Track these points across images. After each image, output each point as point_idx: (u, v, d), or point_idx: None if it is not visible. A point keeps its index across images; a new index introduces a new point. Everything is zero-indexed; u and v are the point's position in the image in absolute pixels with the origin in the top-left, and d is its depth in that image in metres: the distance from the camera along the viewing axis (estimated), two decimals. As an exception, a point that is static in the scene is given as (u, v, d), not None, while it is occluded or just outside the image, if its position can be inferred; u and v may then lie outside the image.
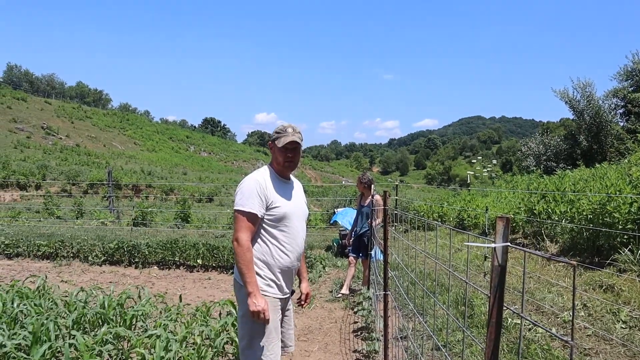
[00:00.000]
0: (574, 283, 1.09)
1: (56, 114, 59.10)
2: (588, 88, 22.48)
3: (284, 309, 2.94)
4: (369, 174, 6.98)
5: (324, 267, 8.74)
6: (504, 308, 1.40)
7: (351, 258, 6.91)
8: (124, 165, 36.39)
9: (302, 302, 3.14)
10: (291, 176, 3.05)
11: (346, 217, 10.11)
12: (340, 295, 6.78)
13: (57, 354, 3.86)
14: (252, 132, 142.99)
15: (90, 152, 43.87)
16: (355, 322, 5.74)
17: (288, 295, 2.93)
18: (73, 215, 14.89)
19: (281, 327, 2.93)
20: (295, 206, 2.89)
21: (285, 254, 2.80)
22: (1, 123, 46.07)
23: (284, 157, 2.81)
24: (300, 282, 3.20)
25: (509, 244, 1.33)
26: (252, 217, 2.67)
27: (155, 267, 8.86)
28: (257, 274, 2.73)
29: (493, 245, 1.34)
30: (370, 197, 6.56)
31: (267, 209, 2.74)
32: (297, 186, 3.07)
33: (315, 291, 7.15)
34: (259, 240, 2.78)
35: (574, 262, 1.07)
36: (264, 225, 2.77)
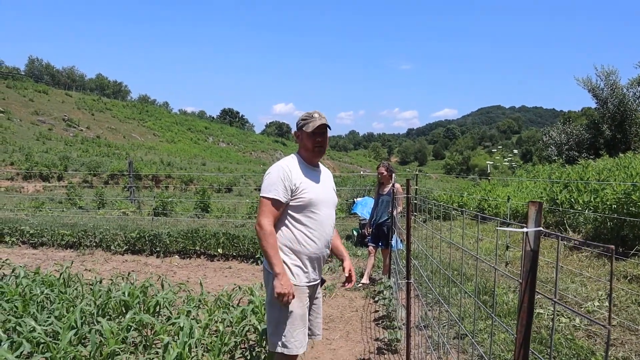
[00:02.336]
0: (611, 268, 1.06)
1: (77, 106, 59.86)
2: (612, 76, 21.99)
3: (312, 297, 2.95)
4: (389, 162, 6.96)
5: (343, 257, 8.75)
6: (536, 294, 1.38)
7: (371, 247, 6.89)
8: (144, 156, 36.75)
9: (348, 281, 3.12)
10: (320, 164, 3.04)
11: (365, 208, 10.09)
12: (360, 285, 6.78)
13: (83, 340, 3.94)
14: (270, 123, 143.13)
15: (111, 144, 44.39)
16: (376, 311, 5.74)
17: (316, 283, 2.93)
18: (95, 206, 15.11)
19: (309, 315, 2.93)
20: (323, 193, 2.88)
21: (312, 241, 2.79)
22: (24, 115, 46.85)
23: (313, 143, 2.81)
24: (342, 262, 3.17)
25: (541, 228, 1.31)
26: (275, 203, 2.71)
27: (177, 256, 8.95)
28: (283, 260, 2.74)
29: (525, 230, 1.32)
30: (390, 185, 6.53)
31: (293, 195, 2.75)
32: (326, 174, 3.06)
33: (335, 280, 7.16)
34: (285, 226, 2.80)
35: (612, 247, 1.05)
36: (289, 211, 2.78)
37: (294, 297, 2.69)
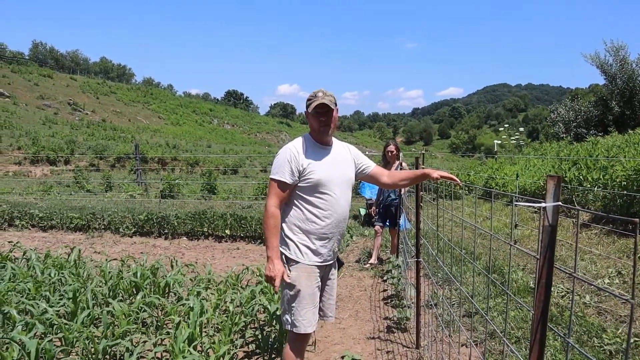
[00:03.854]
0: (635, 242, 1.04)
1: (82, 89, 59.80)
2: (621, 51, 21.58)
3: (324, 278, 2.93)
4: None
5: (351, 237, 8.77)
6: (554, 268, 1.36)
7: (377, 227, 6.83)
8: (149, 139, 36.78)
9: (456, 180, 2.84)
10: (336, 141, 2.99)
11: (372, 189, 10.08)
12: (368, 265, 6.79)
13: (95, 321, 3.97)
14: (274, 104, 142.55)
15: (116, 127, 44.45)
16: (385, 290, 5.76)
17: (328, 263, 2.89)
18: (102, 189, 15.17)
19: (321, 296, 2.93)
20: (334, 172, 2.81)
21: (322, 220, 2.77)
22: (29, 100, 46.87)
23: (318, 122, 2.77)
24: (429, 176, 2.88)
25: (560, 203, 1.28)
26: (281, 185, 2.72)
27: (185, 237, 9.00)
28: (291, 239, 2.77)
29: (544, 204, 1.29)
30: (397, 164, 6.48)
31: (301, 176, 2.74)
32: (340, 151, 2.97)
33: (343, 259, 7.18)
34: (295, 206, 2.80)
35: (637, 220, 1.02)
36: (299, 192, 2.78)
37: (296, 281, 2.72)
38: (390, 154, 6.53)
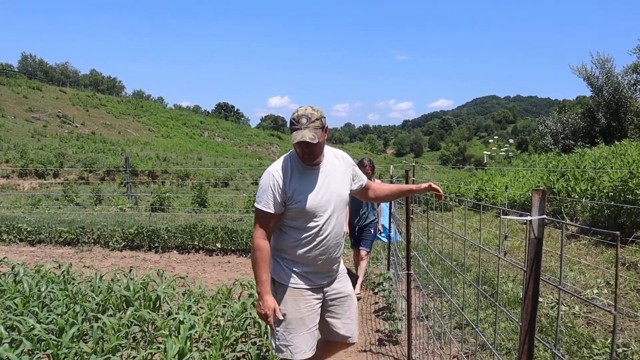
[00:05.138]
0: (617, 252, 1.06)
1: (71, 102, 59.53)
2: (607, 64, 21.97)
3: (328, 297, 2.74)
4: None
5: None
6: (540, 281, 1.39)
7: (363, 252, 6.01)
8: (140, 152, 36.63)
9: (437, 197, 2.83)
10: (328, 152, 2.71)
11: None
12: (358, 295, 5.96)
13: (84, 337, 3.94)
14: (265, 117, 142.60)
15: (106, 140, 44.20)
16: (376, 303, 5.76)
17: (322, 284, 2.69)
18: (92, 202, 15.07)
19: (330, 315, 2.76)
20: (322, 197, 2.56)
21: (309, 246, 2.57)
22: (18, 112, 46.57)
23: (302, 152, 2.49)
24: (421, 186, 2.85)
25: (545, 216, 1.31)
26: (266, 215, 2.52)
27: (175, 251, 8.95)
28: (277, 261, 2.65)
29: (529, 218, 1.32)
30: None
31: (286, 204, 2.54)
32: (333, 166, 2.67)
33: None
34: (281, 230, 2.65)
35: (617, 232, 1.04)
36: (285, 218, 2.60)
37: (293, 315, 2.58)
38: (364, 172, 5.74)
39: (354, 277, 2.93)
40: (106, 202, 15.02)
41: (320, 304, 2.71)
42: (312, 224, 2.55)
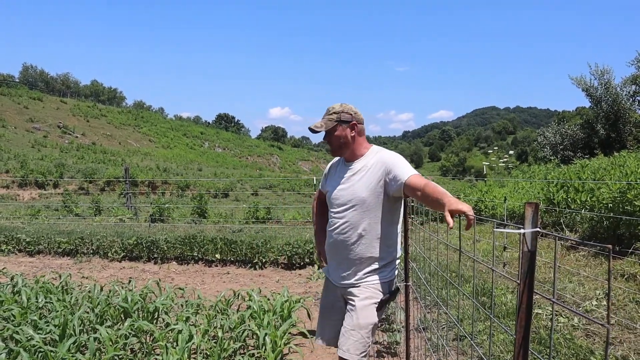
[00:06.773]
0: (609, 267, 1.07)
1: (72, 112, 59.80)
2: (606, 75, 22.06)
3: (342, 297, 2.75)
4: None
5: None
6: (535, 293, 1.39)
7: None
8: (140, 163, 36.72)
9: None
10: (370, 152, 2.70)
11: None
12: None
13: (81, 348, 3.92)
14: (266, 127, 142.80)
15: (106, 150, 44.34)
16: (375, 314, 5.73)
17: (340, 285, 2.69)
18: (91, 213, 15.07)
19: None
20: (339, 191, 2.65)
21: (327, 237, 2.78)
22: (19, 123, 46.76)
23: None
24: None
25: (538, 229, 1.32)
26: (320, 192, 3.00)
27: (174, 262, 8.94)
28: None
29: (522, 231, 1.33)
30: None
31: (323, 188, 2.95)
32: (365, 166, 2.62)
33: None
34: None
35: (610, 246, 1.06)
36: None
37: None
38: None
39: (393, 290, 2.89)
40: (106, 212, 15.01)
41: (343, 303, 2.75)
42: (330, 213, 2.77)
